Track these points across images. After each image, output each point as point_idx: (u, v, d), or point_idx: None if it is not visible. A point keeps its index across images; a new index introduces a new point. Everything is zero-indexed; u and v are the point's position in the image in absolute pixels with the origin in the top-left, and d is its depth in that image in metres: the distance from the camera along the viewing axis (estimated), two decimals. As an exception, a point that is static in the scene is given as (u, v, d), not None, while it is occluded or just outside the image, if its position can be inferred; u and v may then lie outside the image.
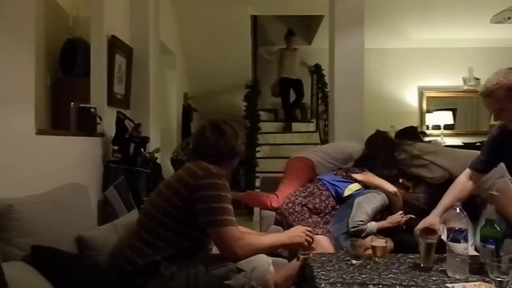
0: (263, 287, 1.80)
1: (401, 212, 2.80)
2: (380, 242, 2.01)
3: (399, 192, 2.90)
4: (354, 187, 2.92)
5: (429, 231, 2.07)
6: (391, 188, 2.88)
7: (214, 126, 2.02)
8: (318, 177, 3.08)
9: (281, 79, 7.46)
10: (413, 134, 3.74)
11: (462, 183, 2.23)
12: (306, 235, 1.99)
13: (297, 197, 2.92)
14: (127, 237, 2.01)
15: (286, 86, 7.44)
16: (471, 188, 2.21)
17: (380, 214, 2.84)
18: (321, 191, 2.92)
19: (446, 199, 2.19)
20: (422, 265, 1.85)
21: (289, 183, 3.13)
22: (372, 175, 2.97)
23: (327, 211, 2.87)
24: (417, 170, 3.01)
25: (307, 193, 2.92)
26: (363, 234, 2.64)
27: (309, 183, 3.05)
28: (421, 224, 2.13)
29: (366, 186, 2.93)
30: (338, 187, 2.92)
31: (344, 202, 2.89)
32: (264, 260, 1.83)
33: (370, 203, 2.78)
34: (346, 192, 2.90)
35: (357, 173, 3.00)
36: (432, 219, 2.12)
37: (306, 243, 1.98)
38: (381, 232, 2.68)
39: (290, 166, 3.28)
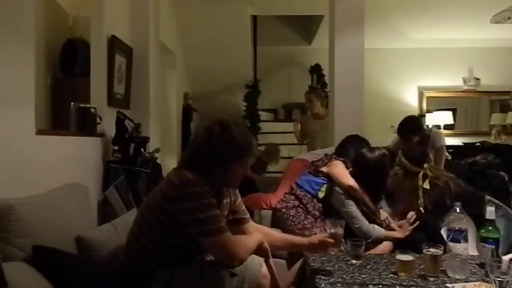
0: None
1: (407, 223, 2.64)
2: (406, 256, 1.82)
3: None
4: (325, 188, 2.87)
5: None
6: (349, 182, 2.71)
7: (208, 128, 1.84)
8: (296, 180, 3.02)
9: None
10: (417, 127, 3.71)
11: None
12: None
13: (288, 202, 2.92)
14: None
15: None
16: None
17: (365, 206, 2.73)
18: (304, 193, 2.91)
19: None
20: (428, 277, 1.74)
21: (288, 182, 3.17)
22: (334, 166, 2.85)
23: (317, 213, 2.85)
24: None
25: (295, 197, 2.92)
26: (369, 240, 2.57)
27: (294, 186, 3.01)
28: None
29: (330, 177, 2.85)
30: (312, 190, 2.89)
31: (326, 202, 2.85)
32: (255, 261, 1.79)
33: (345, 207, 2.70)
34: (320, 195, 2.87)
35: (325, 164, 2.94)
36: None
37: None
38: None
39: (290, 167, 3.38)
